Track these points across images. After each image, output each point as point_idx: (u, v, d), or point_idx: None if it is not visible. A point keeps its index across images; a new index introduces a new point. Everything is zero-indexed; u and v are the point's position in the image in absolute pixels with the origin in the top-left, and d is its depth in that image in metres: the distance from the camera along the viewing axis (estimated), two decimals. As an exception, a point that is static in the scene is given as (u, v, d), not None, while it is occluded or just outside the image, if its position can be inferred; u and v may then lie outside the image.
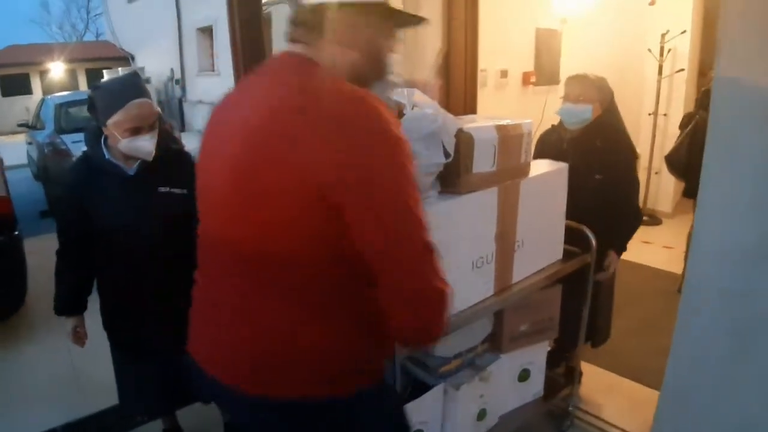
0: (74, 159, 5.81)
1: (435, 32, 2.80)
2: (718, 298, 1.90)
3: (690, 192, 3.32)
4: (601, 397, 2.53)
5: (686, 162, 3.34)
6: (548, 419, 2.39)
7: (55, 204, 1.94)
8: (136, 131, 1.73)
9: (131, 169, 1.82)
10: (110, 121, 1.72)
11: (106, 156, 1.80)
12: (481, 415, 1.96)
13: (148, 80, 14.47)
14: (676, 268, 3.73)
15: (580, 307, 2.19)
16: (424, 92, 1.53)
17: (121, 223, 1.81)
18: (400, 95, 1.42)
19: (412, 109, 1.36)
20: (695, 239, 1.92)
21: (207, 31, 14.22)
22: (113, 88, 1.77)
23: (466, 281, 1.62)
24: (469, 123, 1.52)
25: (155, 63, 15.82)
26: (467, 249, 1.58)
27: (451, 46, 2.73)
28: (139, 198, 1.82)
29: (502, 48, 3.79)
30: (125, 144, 1.74)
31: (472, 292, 1.66)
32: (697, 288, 1.90)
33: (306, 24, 1.03)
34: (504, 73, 4.12)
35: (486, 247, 1.65)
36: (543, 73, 4.57)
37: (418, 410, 1.73)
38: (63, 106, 6.46)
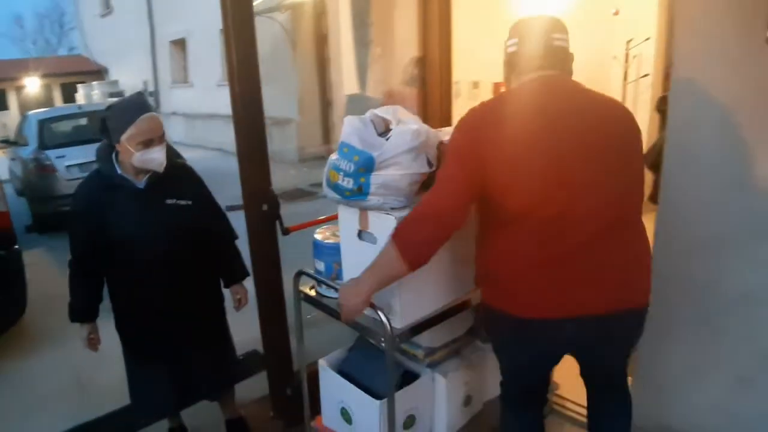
0: (57, 174, 5.85)
1: (411, 46, 2.99)
2: (682, 288, 2.10)
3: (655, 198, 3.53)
4: (578, 385, 2.69)
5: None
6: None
7: (67, 218, 2.05)
8: (148, 144, 1.88)
9: (141, 182, 1.96)
10: (124, 137, 1.86)
11: (118, 171, 1.94)
12: (467, 401, 2.14)
13: (121, 93, 14.47)
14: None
15: None
16: (402, 101, 1.71)
17: (133, 234, 1.94)
18: (385, 112, 1.60)
19: (398, 124, 1.53)
20: (658, 234, 2.11)
21: (180, 44, 14.28)
22: (123, 107, 1.93)
23: (450, 278, 1.80)
24: (447, 136, 1.70)
25: (129, 76, 15.81)
26: (450, 248, 1.75)
27: (426, 59, 2.92)
28: (148, 210, 1.97)
29: (473, 60, 3.99)
30: (138, 157, 1.88)
31: (456, 287, 1.84)
32: (663, 279, 2.08)
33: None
34: (476, 84, 4.31)
35: (467, 246, 1.82)
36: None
37: (409, 397, 1.90)
38: (45, 122, 6.52)
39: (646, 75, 5.44)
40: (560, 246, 1.41)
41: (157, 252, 1.98)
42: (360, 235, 1.65)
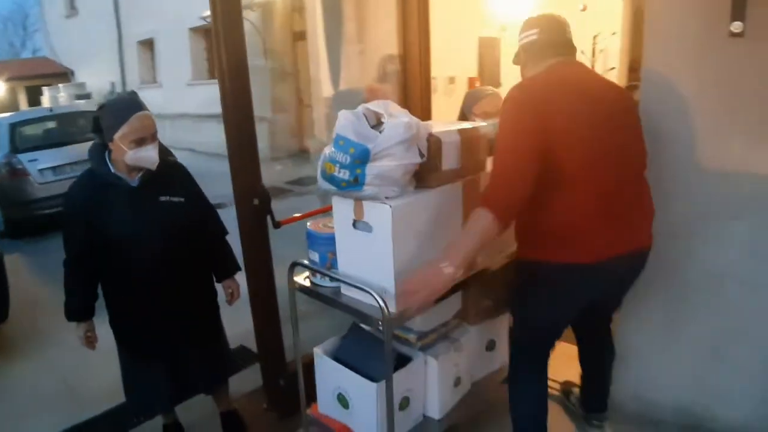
0: (30, 178, 5.76)
1: (391, 43, 3.07)
2: (656, 267, 2.21)
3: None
4: (560, 365, 2.80)
5: None
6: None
7: (61, 218, 2.06)
8: (140, 142, 1.91)
9: (134, 180, 1.99)
10: (117, 135, 1.89)
11: (112, 170, 1.97)
12: (457, 382, 2.23)
13: (88, 95, 14.22)
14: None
15: None
16: (384, 97, 1.79)
17: (128, 232, 1.97)
18: (377, 106, 1.68)
19: (389, 117, 1.61)
20: None
21: (148, 44, 14.09)
22: (116, 105, 1.95)
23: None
24: (436, 128, 1.79)
25: (96, 77, 15.52)
26: (440, 234, 1.84)
27: (407, 56, 3.01)
28: (143, 208, 2.00)
29: (449, 56, 4.10)
30: (131, 155, 1.90)
31: (445, 271, 1.92)
32: None
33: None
34: (452, 80, 4.45)
35: (455, 234, 1.91)
36: (486, 78, 4.93)
37: (403, 380, 1.98)
38: (16, 126, 6.40)
39: (612, 68, 5.64)
40: (608, 197, 1.72)
41: (152, 249, 2.01)
42: (355, 224, 1.72)
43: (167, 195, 2.04)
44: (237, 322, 2.50)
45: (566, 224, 1.73)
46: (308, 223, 2.02)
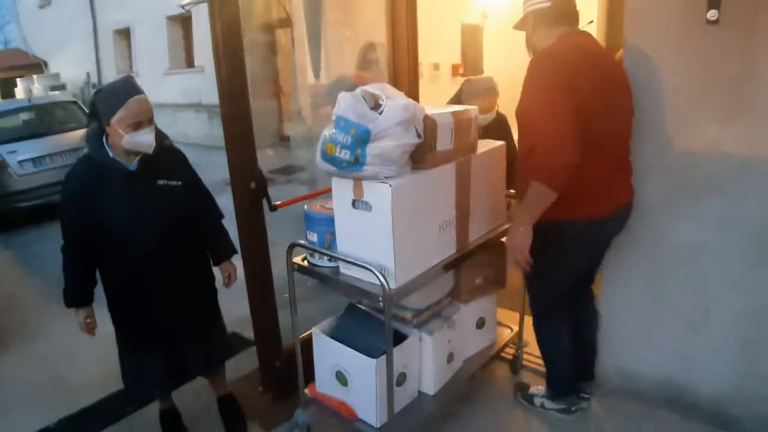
0: (9, 169, 5.63)
1: (381, 30, 3.10)
2: (635, 245, 2.32)
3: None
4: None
5: None
6: (503, 364, 2.78)
7: (59, 204, 2.09)
8: (137, 126, 1.92)
9: (132, 165, 2.00)
10: (114, 119, 1.89)
11: (110, 155, 1.97)
12: (450, 358, 2.31)
13: (63, 86, 13.94)
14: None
15: None
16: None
17: (126, 216, 1.98)
18: (374, 88, 1.73)
19: (387, 100, 1.66)
20: None
21: (124, 33, 13.85)
22: (113, 89, 1.95)
23: (435, 241, 1.95)
24: (429, 110, 1.84)
25: (70, 68, 15.22)
26: (435, 214, 1.91)
27: (395, 42, 3.06)
28: (141, 192, 2.00)
29: (433, 43, 4.15)
30: (128, 139, 1.91)
31: (440, 250, 2.00)
32: (617, 237, 2.28)
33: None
34: (437, 66, 4.50)
35: (448, 213, 1.99)
36: (469, 65, 4.99)
37: (400, 356, 2.04)
38: (-8, 117, 6.29)
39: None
40: (618, 156, 2.03)
41: (150, 233, 2.02)
42: (354, 204, 1.77)
43: (165, 179, 2.06)
44: (229, 310, 2.52)
45: (593, 183, 1.93)
46: (306, 205, 2.07)
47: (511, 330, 2.75)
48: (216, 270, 2.37)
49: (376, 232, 1.73)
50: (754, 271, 2.10)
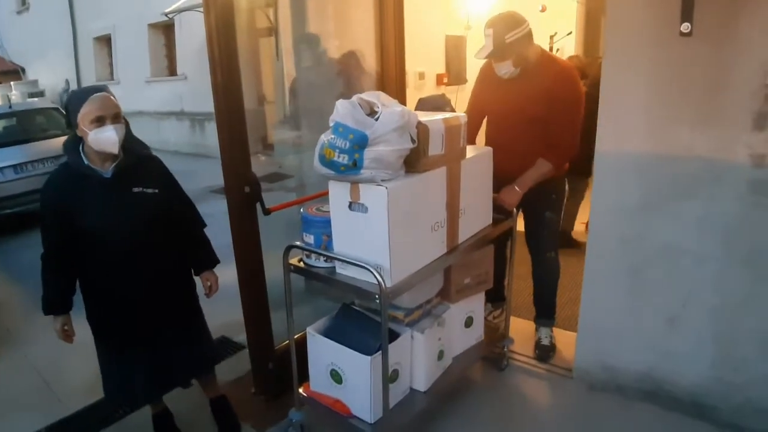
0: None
1: (368, 40, 3.18)
2: (616, 244, 2.42)
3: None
4: (530, 344, 3.00)
5: None
6: (489, 362, 2.86)
7: (37, 212, 2.09)
8: (100, 121, 1.90)
9: (107, 172, 2.00)
10: (79, 117, 1.90)
11: (85, 162, 1.98)
12: (440, 355, 2.39)
13: (41, 93, 13.79)
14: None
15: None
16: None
17: (103, 223, 1.98)
18: (369, 96, 1.82)
19: (383, 107, 1.75)
20: (594, 198, 2.44)
21: (105, 40, 13.76)
22: (79, 90, 1.99)
23: (428, 242, 2.04)
24: (423, 117, 1.93)
25: (49, 75, 15.05)
26: (427, 215, 2.00)
27: (383, 51, 3.14)
28: (116, 198, 2.01)
29: (419, 53, 4.26)
30: (92, 136, 1.90)
31: (432, 250, 2.08)
32: (599, 237, 2.40)
33: None
34: (422, 75, 4.60)
35: (440, 214, 2.08)
36: (453, 74, 5.11)
37: (393, 353, 2.10)
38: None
39: (569, 66, 5.92)
40: None
41: (125, 240, 2.02)
42: (351, 206, 1.85)
43: (140, 186, 2.05)
44: (218, 314, 2.53)
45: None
46: (302, 209, 2.14)
47: (498, 328, 2.84)
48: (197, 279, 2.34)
49: (372, 233, 1.81)
50: (726, 269, 2.21)
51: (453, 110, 3.12)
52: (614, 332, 2.55)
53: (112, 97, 1.97)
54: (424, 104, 3.08)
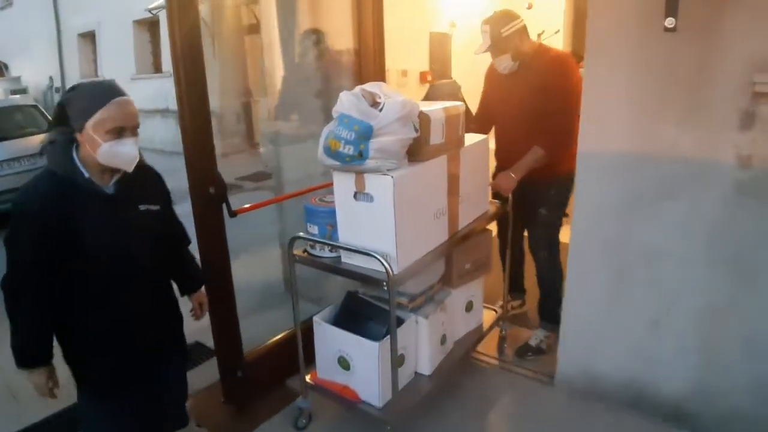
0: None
1: (347, 37, 3.15)
2: (598, 246, 2.36)
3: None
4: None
5: None
6: (489, 344, 2.92)
7: (10, 230, 1.58)
8: (119, 133, 1.56)
9: (108, 187, 1.65)
10: (90, 123, 1.54)
11: (85, 174, 1.60)
12: (443, 339, 2.45)
13: (24, 90, 13.64)
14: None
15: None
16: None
17: (108, 246, 1.63)
18: (372, 87, 1.86)
19: (385, 97, 1.79)
20: (577, 199, 2.39)
21: (89, 37, 13.61)
22: (93, 87, 1.60)
23: (431, 229, 2.10)
24: (424, 107, 1.98)
25: (32, 72, 14.87)
26: (430, 203, 2.06)
27: (362, 49, 3.08)
28: (123, 219, 1.67)
29: (401, 50, 4.22)
30: (106, 149, 1.55)
31: (435, 237, 2.14)
32: (582, 239, 2.36)
33: None
34: (404, 73, 4.55)
35: (441, 202, 2.13)
36: (437, 72, 5.09)
37: (399, 338, 2.14)
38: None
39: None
40: None
41: (135, 264, 1.71)
42: (356, 195, 1.90)
43: (145, 203, 1.74)
44: (192, 319, 2.18)
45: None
46: (307, 200, 2.18)
47: (496, 312, 2.91)
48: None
49: (378, 222, 1.86)
50: (711, 272, 2.12)
51: (463, 97, 3.13)
52: (597, 337, 2.46)
53: (133, 103, 1.63)
54: (436, 90, 3.10)
